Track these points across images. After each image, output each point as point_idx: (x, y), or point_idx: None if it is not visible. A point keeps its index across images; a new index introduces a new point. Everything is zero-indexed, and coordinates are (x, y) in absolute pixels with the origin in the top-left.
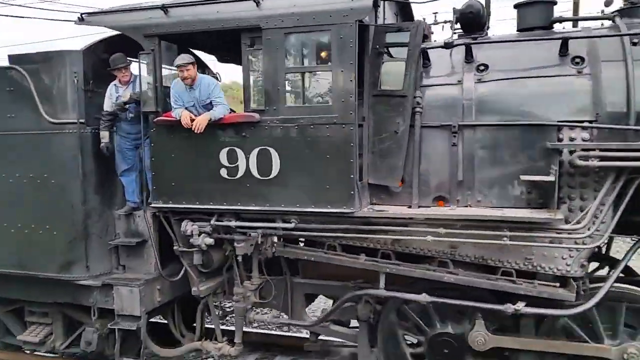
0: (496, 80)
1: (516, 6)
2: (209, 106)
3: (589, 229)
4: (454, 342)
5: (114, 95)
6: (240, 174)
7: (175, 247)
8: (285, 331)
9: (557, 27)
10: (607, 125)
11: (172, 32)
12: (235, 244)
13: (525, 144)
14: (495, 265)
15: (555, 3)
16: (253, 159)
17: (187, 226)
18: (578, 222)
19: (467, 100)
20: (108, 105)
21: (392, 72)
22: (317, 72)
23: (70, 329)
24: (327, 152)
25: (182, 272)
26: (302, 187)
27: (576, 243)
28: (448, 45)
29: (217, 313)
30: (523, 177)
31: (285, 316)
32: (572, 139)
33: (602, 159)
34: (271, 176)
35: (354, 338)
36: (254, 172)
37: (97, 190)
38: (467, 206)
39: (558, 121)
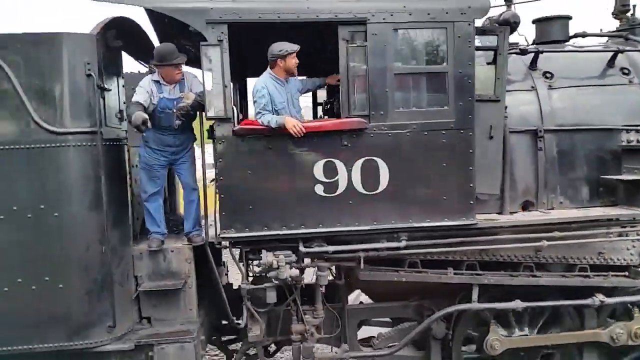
0: (565, 87)
1: (535, 21)
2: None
3: None
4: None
5: (155, 95)
6: (340, 189)
7: (243, 285)
8: None
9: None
10: None
11: (247, 20)
12: (318, 272)
13: (597, 146)
14: (574, 263)
15: (571, 18)
16: (357, 171)
17: (269, 257)
18: None
19: (544, 106)
20: (142, 97)
21: (480, 76)
22: (430, 73)
23: None
24: (443, 160)
25: (245, 316)
26: (415, 200)
27: (637, 234)
28: (524, 52)
29: None
30: (605, 177)
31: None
32: (629, 141)
33: None
34: (379, 190)
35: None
36: (358, 186)
37: (116, 222)
38: (551, 208)
39: (622, 125)
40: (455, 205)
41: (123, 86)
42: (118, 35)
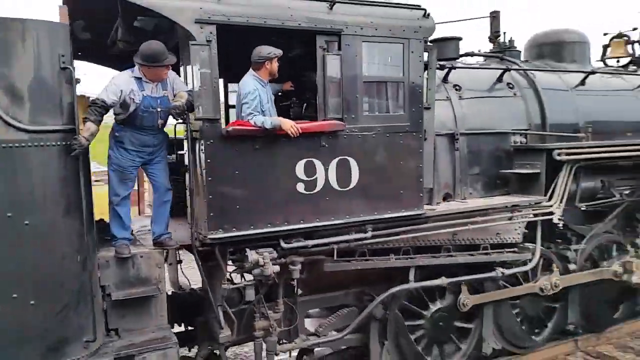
0: (470, 97)
1: (432, 41)
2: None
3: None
4: (446, 313)
5: (137, 93)
6: (319, 187)
7: (224, 286)
8: None
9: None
10: (535, 132)
11: (235, 22)
12: (291, 267)
13: (496, 147)
14: (478, 243)
15: (461, 39)
16: (332, 170)
17: (254, 255)
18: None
19: (457, 113)
20: (113, 96)
21: None
22: (390, 82)
23: None
24: (400, 159)
25: (221, 316)
26: (379, 194)
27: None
28: (441, 67)
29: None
30: (501, 171)
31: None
32: (516, 142)
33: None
34: (350, 186)
35: (357, 341)
36: (334, 184)
37: (89, 229)
38: (464, 199)
39: (512, 129)
40: (410, 198)
41: None
42: (85, 28)
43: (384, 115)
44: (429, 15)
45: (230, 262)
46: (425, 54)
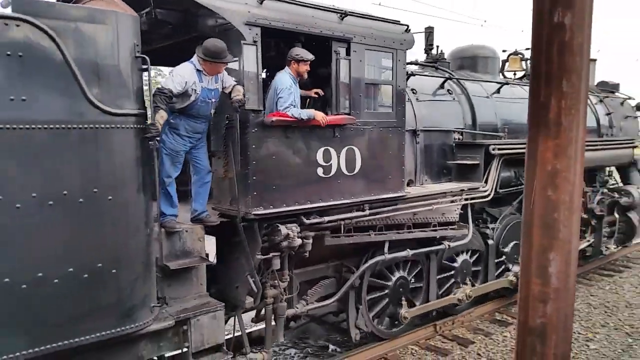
0: (424, 100)
1: None
2: None
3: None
4: (404, 281)
5: (197, 83)
6: (333, 171)
7: (259, 256)
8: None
9: None
10: (470, 131)
11: (274, 26)
12: (305, 241)
13: (443, 142)
14: (429, 222)
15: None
16: (343, 157)
17: (285, 230)
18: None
19: (417, 113)
20: (179, 87)
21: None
22: (384, 85)
23: None
24: (389, 150)
25: (253, 284)
26: (374, 179)
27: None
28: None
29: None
30: (447, 162)
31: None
32: (457, 139)
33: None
34: (355, 172)
35: (336, 307)
36: (344, 169)
37: (151, 205)
38: (422, 184)
39: (454, 127)
40: (395, 182)
41: None
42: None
43: (377, 113)
44: (409, 30)
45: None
46: None
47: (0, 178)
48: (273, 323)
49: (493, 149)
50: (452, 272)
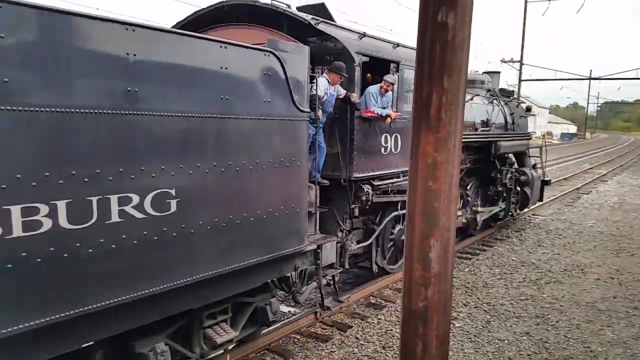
0: None
1: None
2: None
3: None
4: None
5: (328, 89)
6: (389, 150)
7: (353, 206)
8: None
9: None
10: None
11: (367, 54)
12: (375, 198)
13: None
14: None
15: None
16: (393, 141)
17: (367, 188)
18: None
19: None
20: (322, 93)
21: None
22: (411, 93)
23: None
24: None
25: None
26: (405, 156)
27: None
28: None
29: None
30: None
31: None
32: None
33: None
34: (398, 151)
35: (363, 249)
36: (394, 149)
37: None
38: None
39: None
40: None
41: None
42: None
43: (408, 111)
44: None
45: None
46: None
47: (257, 150)
48: None
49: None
50: None
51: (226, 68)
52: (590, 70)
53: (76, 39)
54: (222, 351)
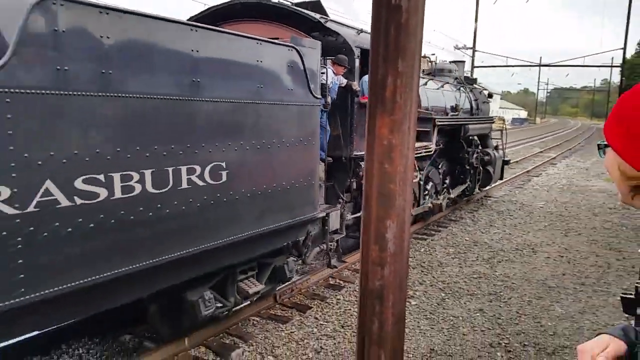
0: None
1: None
2: None
3: None
4: None
5: (333, 79)
6: None
7: (352, 181)
8: None
9: None
10: (421, 110)
11: (364, 47)
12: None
13: None
14: None
15: None
16: None
17: (362, 165)
18: None
19: None
20: (330, 81)
21: None
22: None
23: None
24: None
25: (342, 197)
26: None
27: None
28: None
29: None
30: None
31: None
32: None
33: None
34: None
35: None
36: None
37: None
38: None
39: None
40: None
41: None
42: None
43: None
44: None
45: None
46: None
47: (282, 130)
48: None
49: (438, 121)
50: None
51: (261, 61)
52: (540, 58)
53: (157, 39)
54: (248, 302)
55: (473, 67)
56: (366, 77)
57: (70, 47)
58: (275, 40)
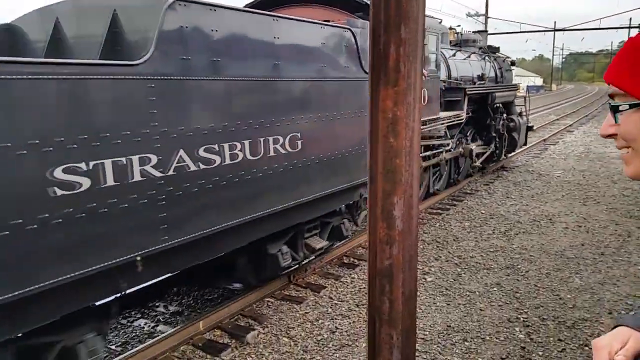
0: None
1: None
2: None
3: None
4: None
5: None
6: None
7: None
8: None
9: None
10: (449, 80)
11: None
12: None
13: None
14: (441, 134)
15: None
16: (425, 92)
17: None
18: None
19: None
20: None
21: None
22: (431, 55)
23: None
24: (435, 91)
25: None
26: (430, 107)
27: None
28: None
29: None
30: (446, 99)
31: None
32: (443, 85)
33: None
34: (425, 103)
35: None
36: (425, 97)
37: None
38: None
39: (441, 79)
40: (436, 109)
41: None
42: None
43: (430, 69)
44: (441, 22)
45: None
46: None
47: (340, 103)
48: None
49: (468, 91)
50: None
51: (324, 43)
52: (555, 22)
53: (249, 29)
54: (313, 257)
55: (486, 34)
56: None
57: (191, 40)
58: (335, 24)
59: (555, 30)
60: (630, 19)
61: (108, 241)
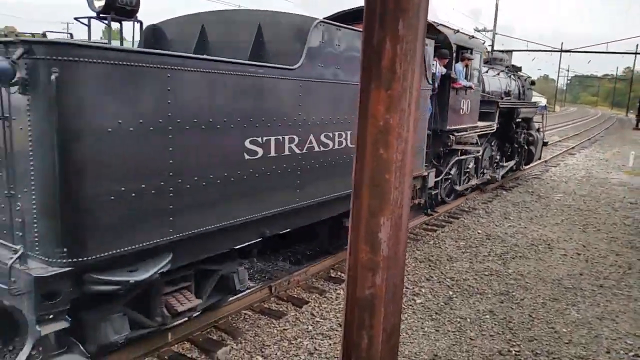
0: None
1: None
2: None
3: None
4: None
5: (438, 69)
6: (464, 111)
7: (443, 149)
8: None
9: None
10: (483, 93)
11: (459, 44)
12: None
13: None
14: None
15: None
16: (466, 104)
17: (452, 137)
18: None
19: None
20: (437, 71)
21: None
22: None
23: None
24: (475, 101)
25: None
26: (471, 116)
27: None
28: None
29: None
30: (481, 110)
31: None
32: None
33: None
34: (468, 112)
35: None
36: (467, 110)
37: None
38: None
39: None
40: (475, 118)
41: None
42: None
43: (475, 83)
44: (484, 42)
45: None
46: None
47: None
48: None
49: (500, 105)
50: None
51: None
52: (562, 43)
53: (351, 43)
54: None
55: (493, 50)
56: (458, 66)
57: (325, 53)
58: None
59: (562, 51)
60: (637, 45)
61: (268, 196)
